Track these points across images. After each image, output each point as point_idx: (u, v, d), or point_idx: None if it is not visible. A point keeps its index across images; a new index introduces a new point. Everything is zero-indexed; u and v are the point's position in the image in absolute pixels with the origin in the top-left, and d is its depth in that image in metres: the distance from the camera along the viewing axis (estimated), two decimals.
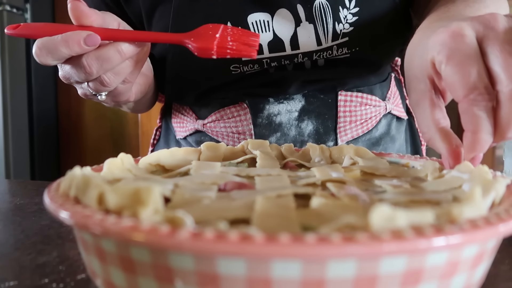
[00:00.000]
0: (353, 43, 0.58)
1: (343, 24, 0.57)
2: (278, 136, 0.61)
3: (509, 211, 0.21)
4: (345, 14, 0.57)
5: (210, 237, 0.17)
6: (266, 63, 0.58)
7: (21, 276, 0.30)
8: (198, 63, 0.55)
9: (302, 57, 0.58)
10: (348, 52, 0.59)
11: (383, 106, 0.65)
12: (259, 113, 0.61)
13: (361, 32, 0.58)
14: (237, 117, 0.61)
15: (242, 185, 0.29)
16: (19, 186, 0.63)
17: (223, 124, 0.62)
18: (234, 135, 0.62)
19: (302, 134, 0.61)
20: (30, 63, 1.80)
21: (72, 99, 2.01)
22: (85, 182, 0.23)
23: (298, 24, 0.56)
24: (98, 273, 0.22)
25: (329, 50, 0.58)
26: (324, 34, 0.57)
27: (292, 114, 0.61)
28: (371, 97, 0.63)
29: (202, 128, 0.64)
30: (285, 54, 0.57)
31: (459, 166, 0.31)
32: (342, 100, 0.62)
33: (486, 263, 0.22)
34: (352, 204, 0.24)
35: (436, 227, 0.18)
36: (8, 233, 0.41)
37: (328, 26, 0.57)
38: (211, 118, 0.63)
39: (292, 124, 0.61)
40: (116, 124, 1.98)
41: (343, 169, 0.34)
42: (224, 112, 0.62)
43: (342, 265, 0.17)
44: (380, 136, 0.66)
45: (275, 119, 0.61)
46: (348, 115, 0.62)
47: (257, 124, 0.61)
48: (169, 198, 0.26)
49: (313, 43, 0.57)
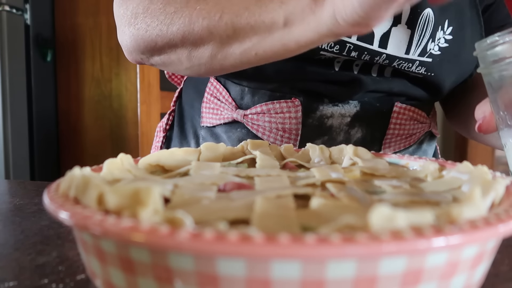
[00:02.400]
0: (433, 67, 0.56)
1: (435, 44, 0.54)
2: (325, 139, 0.58)
3: (508, 211, 0.21)
4: (440, 36, 0.54)
5: (210, 238, 0.17)
6: (348, 49, 0.53)
7: (21, 276, 0.30)
8: None
9: (384, 59, 0.54)
10: (423, 73, 0.56)
11: (428, 123, 0.63)
12: (312, 113, 0.57)
13: (444, 62, 0.56)
14: (287, 113, 0.57)
15: (242, 185, 0.29)
16: (19, 187, 0.63)
17: (269, 118, 0.58)
18: (278, 132, 0.58)
19: (349, 141, 0.58)
20: (30, 63, 1.80)
21: (71, 100, 2.02)
22: (85, 182, 0.23)
23: (396, 24, 0.53)
24: (98, 273, 0.22)
25: (410, 63, 0.55)
26: (417, 45, 0.54)
27: (344, 119, 0.58)
28: (421, 113, 0.61)
29: (241, 119, 0.59)
30: (371, 48, 0.53)
31: (459, 166, 0.31)
32: (396, 112, 0.59)
33: (486, 263, 0.22)
34: (352, 205, 0.24)
35: (435, 228, 0.18)
36: (8, 234, 0.41)
37: (424, 39, 0.54)
38: (255, 109, 0.58)
39: (342, 129, 0.58)
40: (115, 125, 1.98)
41: (342, 170, 0.34)
42: (272, 105, 0.57)
43: (341, 265, 0.17)
44: (413, 151, 0.64)
45: (326, 122, 0.57)
46: (398, 127, 0.60)
47: (306, 124, 0.57)
48: (169, 199, 0.26)
49: (402, 48, 0.54)
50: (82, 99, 1.99)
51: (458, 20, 0.55)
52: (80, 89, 1.99)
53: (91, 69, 1.95)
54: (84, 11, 1.87)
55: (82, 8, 1.87)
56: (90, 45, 1.90)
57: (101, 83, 1.97)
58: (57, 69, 1.98)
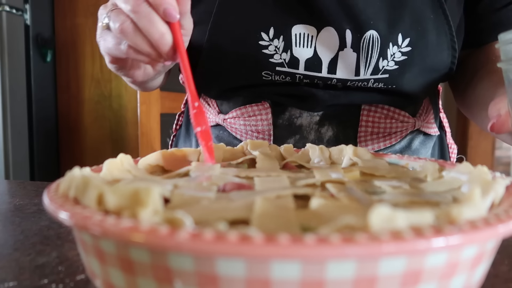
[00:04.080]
0: (392, 81, 0.56)
1: (388, 61, 0.55)
2: (297, 138, 0.60)
3: (508, 212, 0.21)
4: (393, 52, 0.54)
5: (210, 238, 0.17)
6: (299, 79, 0.56)
7: (21, 276, 0.30)
8: (233, 59, 0.55)
9: (336, 82, 0.56)
10: (384, 87, 0.57)
11: (411, 122, 0.62)
12: (281, 114, 0.60)
13: (404, 73, 0.56)
14: (258, 115, 0.61)
15: (242, 185, 0.29)
16: (19, 187, 0.63)
17: (243, 121, 0.62)
18: (253, 134, 0.62)
19: (321, 140, 0.60)
20: (30, 63, 1.80)
21: (71, 100, 2.02)
22: (85, 182, 0.23)
23: (342, 49, 0.54)
24: (98, 273, 0.22)
25: (364, 81, 0.56)
26: (365, 66, 0.54)
27: (313, 118, 0.60)
28: (400, 112, 0.61)
29: (222, 123, 0.63)
30: (320, 75, 0.55)
31: (459, 166, 0.31)
32: (366, 109, 0.60)
33: (486, 264, 0.22)
34: (352, 205, 0.24)
35: (435, 228, 0.18)
36: (8, 234, 0.41)
37: (372, 60, 0.54)
38: (231, 114, 0.62)
39: (312, 128, 0.60)
40: (115, 125, 1.98)
41: (342, 170, 0.34)
42: (245, 109, 0.61)
43: (341, 265, 0.17)
44: (401, 150, 0.63)
45: (295, 121, 0.60)
46: (371, 125, 0.60)
47: (277, 125, 0.60)
48: (169, 199, 0.26)
49: (351, 71, 0.55)
50: (82, 99, 1.99)
51: (416, 28, 0.54)
52: (80, 89, 1.99)
53: (91, 70, 1.95)
54: (84, 11, 1.87)
55: (82, 8, 1.87)
56: (90, 45, 1.90)
57: (101, 83, 1.97)
58: (57, 70, 1.98)
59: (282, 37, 0.53)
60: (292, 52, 0.53)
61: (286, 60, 0.54)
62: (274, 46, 0.53)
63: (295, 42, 0.53)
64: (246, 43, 0.54)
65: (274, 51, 0.54)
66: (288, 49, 0.53)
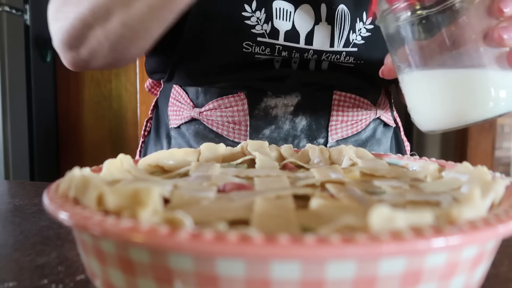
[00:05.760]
0: (360, 55, 0.61)
1: (356, 34, 0.60)
2: (272, 128, 0.63)
3: (508, 212, 0.21)
4: (360, 27, 0.60)
5: (209, 238, 0.17)
6: (278, 50, 0.59)
7: (20, 277, 0.30)
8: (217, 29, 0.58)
9: (312, 54, 0.60)
10: (353, 62, 0.62)
11: (373, 111, 0.68)
12: (257, 104, 0.62)
13: (369, 49, 0.61)
14: (235, 107, 0.63)
15: (241, 186, 0.29)
16: (18, 187, 0.63)
17: (220, 113, 0.63)
18: (230, 125, 0.63)
19: (295, 129, 0.63)
20: (30, 64, 1.80)
21: (71, 100, 2.02)
22: (85, 183, 0.23)
23: (317, 23, 0.59)
24: (97, 274, 0.22)
25: (337, 54, 0.61)
26: (339, 38, 0.59)
27: (288, 108, 0.63)
28: (364, 100, 0.66)
29: (198, 116, 0.65)
30: (298, 46, 0.59)
31: (459, 167, 0.31)
32: (337, 99, 0.64)
33: (486, 264, 0.22)
34: (352, 205, 0.24)
35: (435, 228, 0.18)
36: (7, 234, 0.41)
37: (344, 32, 0.59)
38: (208, 106, 0.64)
39: (286, 118, 0.63)
40: (115, 125, 1.98)
41: (342, 170, 0.34)
42: (222, 101, 0.63)
43: (341, 266, 0.17)
44: (366, 139, 0.69)
45: (271, 112, 0.63)
46: (341, 114, 0.65)
47: (253, 116, 0.62)
48: (168, 199, 0.26)
49: (326, 43, 0.60)
50: (82, 99, 1.99)
51: None
52: (80, 89, 1.99)
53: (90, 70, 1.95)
54: None
55: None
56: None
57: (101, 83, 1.97)
58: (57, 70, 1.98)
59: (263, 9, 0.56)
60: (273, 24, 0.57)
61: (267, 31, 0.58)
62: (256, 18, 0.57)
63: (275, 15, 0.57)
64: (230, 13, 0.57)
65: (256, 22, 0.57)
66: (269, 20, 0.57)
